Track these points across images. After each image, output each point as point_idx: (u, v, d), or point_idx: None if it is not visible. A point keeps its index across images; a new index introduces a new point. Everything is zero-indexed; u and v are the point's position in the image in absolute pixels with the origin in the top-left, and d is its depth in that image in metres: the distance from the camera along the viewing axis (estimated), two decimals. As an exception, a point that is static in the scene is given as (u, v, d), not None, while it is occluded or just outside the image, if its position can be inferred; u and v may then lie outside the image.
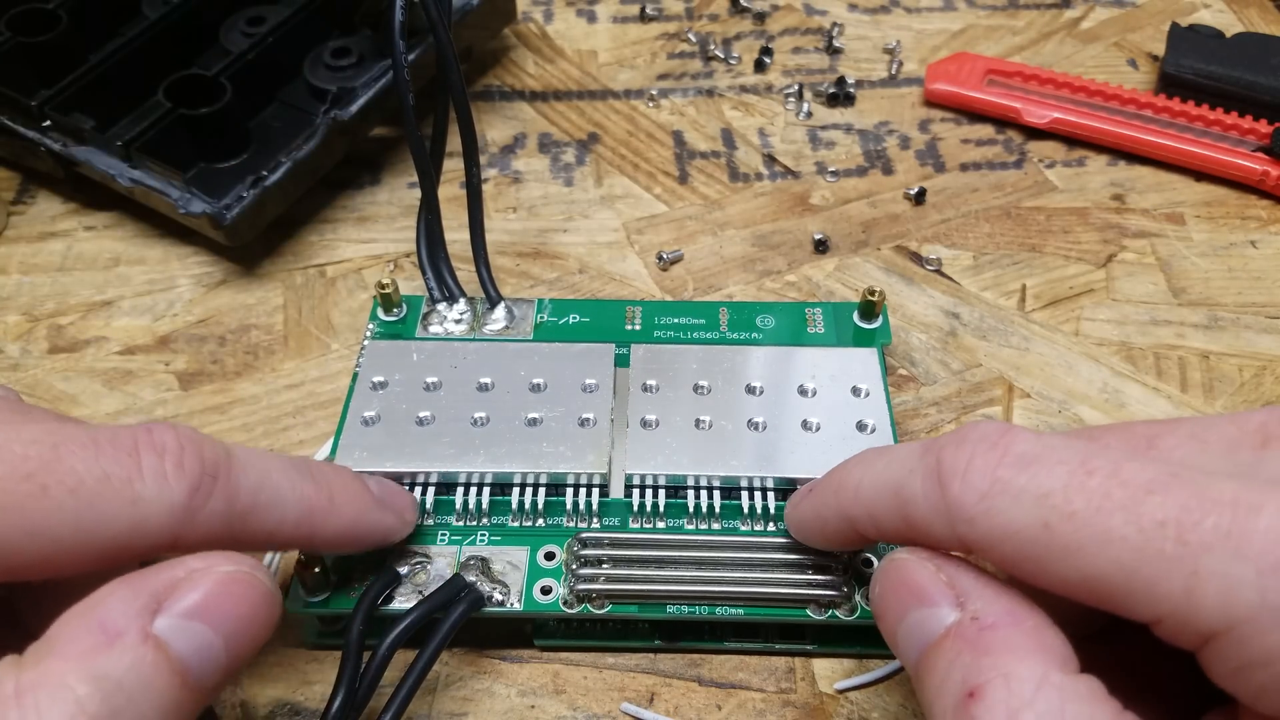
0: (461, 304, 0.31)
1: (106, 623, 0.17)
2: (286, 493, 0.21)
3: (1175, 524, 0.16)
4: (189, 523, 0.19)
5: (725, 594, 0.24)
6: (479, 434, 0.26)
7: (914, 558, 0.20)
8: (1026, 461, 0.18)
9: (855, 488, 0.21)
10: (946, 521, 0.19)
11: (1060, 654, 0.18)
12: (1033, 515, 0.18)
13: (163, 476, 0.19)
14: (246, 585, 0.19)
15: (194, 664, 0.18)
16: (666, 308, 0.31)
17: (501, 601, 0.24)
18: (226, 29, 0.38)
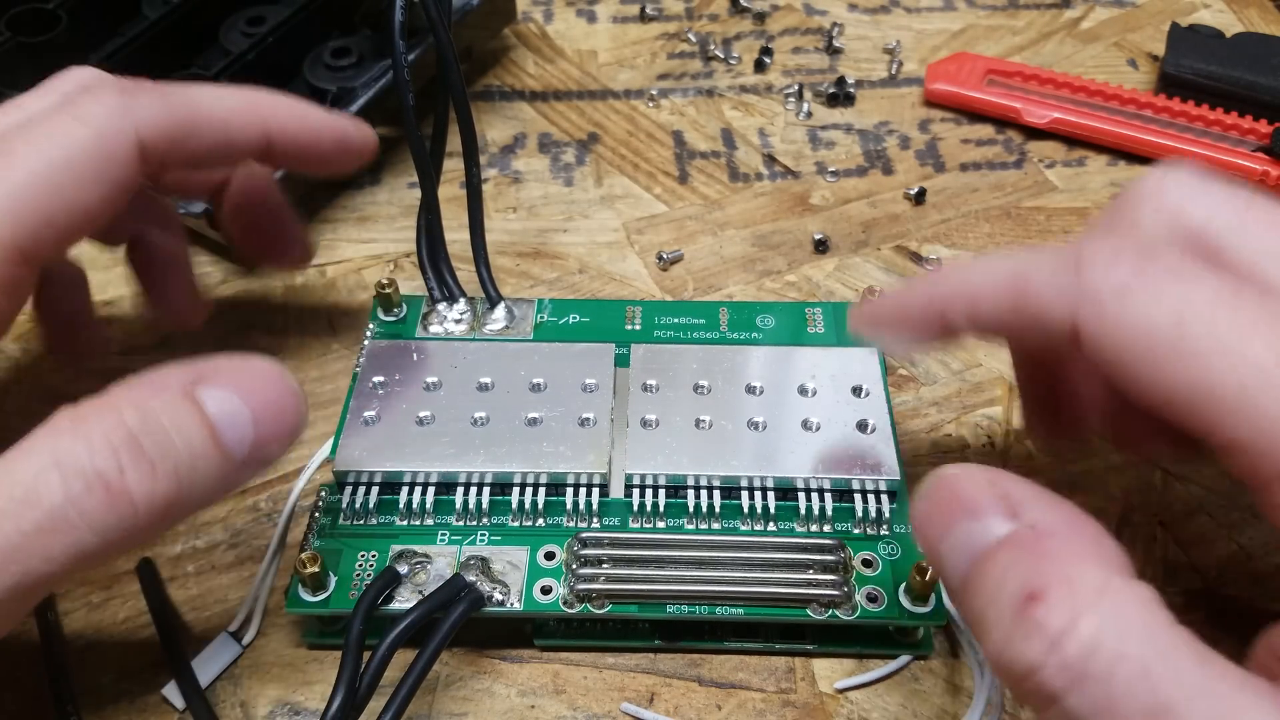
0: (461, 304, 0.31)
1: (155, 381, 0.20)
2: (225, 90, 0.25)
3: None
4: (134, 113, 0.22)
5: (725, 594, 0.24)
6: (479, 434, 0.26)
7: (963, 471, 0.19)
8: (1176, 271, 0.18)
9: (964, 272, 0.22)
10: (1069, 303, 0.19)
11: (1120, 561, 0.18)
12: (1171, 316, 0.18)
13: (93, 95, 0.23)
14: (277, 377, 0.21)
15: (225, 426, 0.20)
16: (666, 308, 0.31)
17: (501, 601, 0.24)
18: (226, 29, 0.38)
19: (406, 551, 0.25)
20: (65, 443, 0.18)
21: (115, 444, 0.19)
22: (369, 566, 0.25)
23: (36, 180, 0.21)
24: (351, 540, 0.26)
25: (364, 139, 0.28)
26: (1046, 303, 0.19)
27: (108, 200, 0.22)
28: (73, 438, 0.19)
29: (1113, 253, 0.19)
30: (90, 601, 0.27)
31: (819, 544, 0.25)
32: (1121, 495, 0.29)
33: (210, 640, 0.26)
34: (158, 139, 0.23)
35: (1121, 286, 0.18)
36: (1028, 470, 0.29)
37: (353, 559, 0.25)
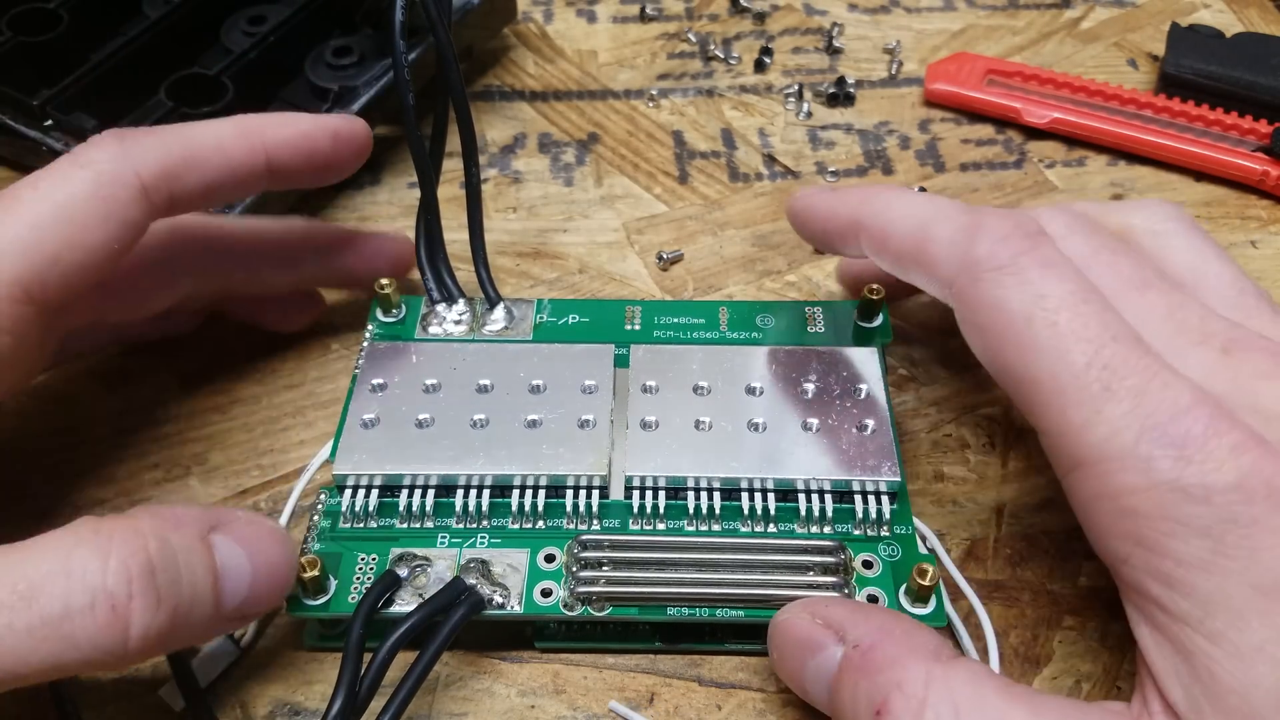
0: (461, 305, 0.31)
1: (178, 515, 0.21)
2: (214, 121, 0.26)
3: (1111, 371, 0.20)
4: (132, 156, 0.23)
5: (726, 596, 0.24)
6: (479, 436, 0.26)
7: (791, 616, 0.23)
8: (1048, 263, 0.21)
9: (885, 204, 0.25)
10: (955, 268, 0.22)
11: (933, 649, 0.21)
12: (1025, 305, 0.21)
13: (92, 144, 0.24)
14: (281, 541, 0.23)
15: (228, 577, 0.21)
16: (666, 308, 0.31)
17: (502, 604, 0.24)
18: (228, 28, 0.38)
19: (406, 554, 0.25)
20: (83, 553, 0.19)
21: (132, 569, 0.19)
22: (369, 569, 0.25)
23: (40, 221, 0.22)
24: (351, 543, 0.26)
25: (354, 131, 0.28)
26: (938, 258, 0.23)
27: (113, 240, 0.23)
28: (91, 550, 0.19)
29: (1005, 231, 0.22)
30: (91, 601, 0.27)
31: (819, 546, 0.25)
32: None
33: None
34: (158, 174, 0.24)
35: (998, 267, 0.22)
36: (1027, 470, 0.29)
37: (353, 562, 0.25)
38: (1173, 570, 0.19)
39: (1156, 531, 0.19)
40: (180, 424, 0.30)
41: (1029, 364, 0.21)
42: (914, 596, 0.24)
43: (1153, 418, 0.19)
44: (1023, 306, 0.21)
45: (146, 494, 0.29)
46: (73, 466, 0.29)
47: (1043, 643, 0.26)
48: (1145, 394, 0.20)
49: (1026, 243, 0.22)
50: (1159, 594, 0.19)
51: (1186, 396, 0.19)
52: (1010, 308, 0.21)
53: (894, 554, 0.25)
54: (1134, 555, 0.20)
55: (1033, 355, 0.21)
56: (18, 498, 0.29)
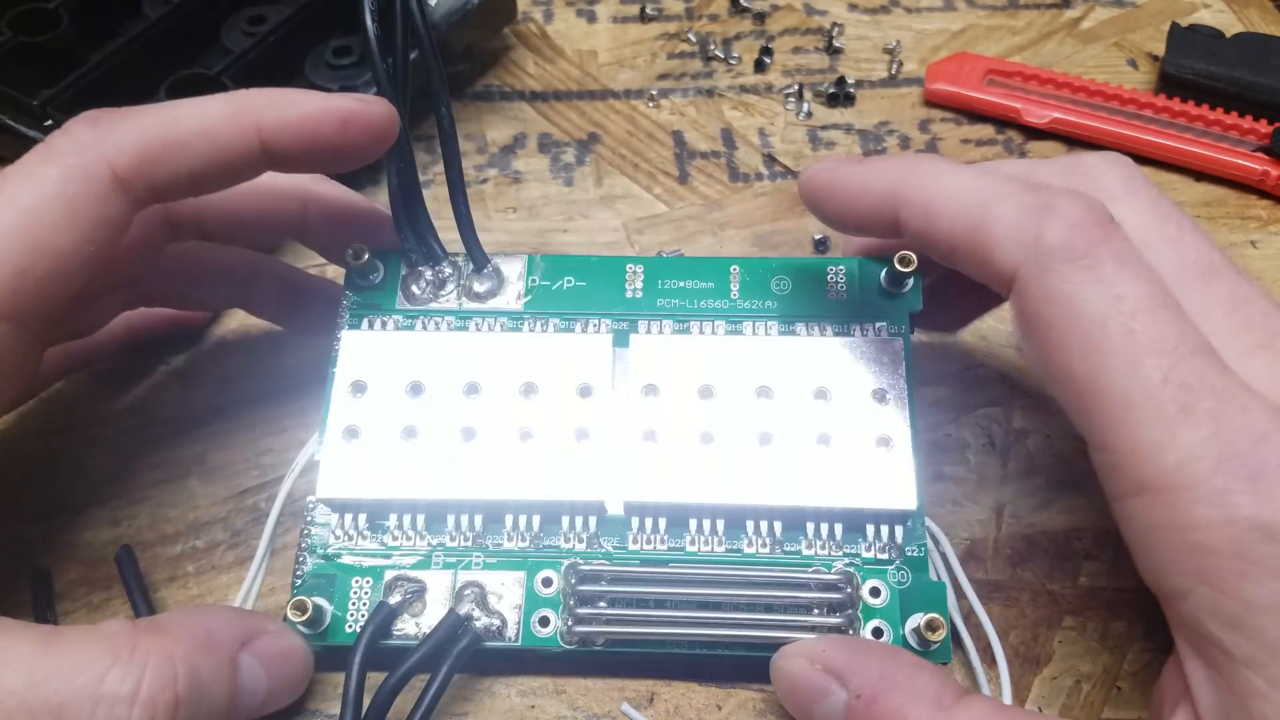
0: (445, 269, 0.28)
1: (214, 633, 0.21)
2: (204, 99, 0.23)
3: (1189, 390, 0.18)
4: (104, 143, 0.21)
5: (727, 638, 0.24)
6: (468, 452, 0.25)
7: (791, 662, 0.23)
8: (1126, 257, 0.19)
9: (931, 176, 0.22)
10: (1020, 258, 0.20)
11: (935, 692, 0.20)
12: (1101, 306, 0.19)
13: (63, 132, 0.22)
14: (304, 659, 0.24)
15: (244, 694, 0.22)
16: (671, 266, 0.28)
17: (499, 632, 0.24)
18: (228, 28, 0.38)
19: (400, 579, 0.25)
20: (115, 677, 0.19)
21: (158, 704, 0.19)
22: (364, 593, 0.25)
23: (3, 230, 0.20)
24: (343, 565, 0.25)
25: (370, 115, 0.24)
26: (999, 242, 0.20)
27: (86, 240, 0.21)
28: (123, 674, 0.19)
29: (1079, 217, 0.20)
30: (90, 602, 0.27)
31: (825, 581, 0.24)
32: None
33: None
34: (133, 163, 0.21)
35: (1070, 258, 0.19)
36: (1027, 470, 0.29)
37: (346, 586, 0.25)
38: (1241, 612, 0.18)
39: (1228, 570, 0.18)
40: (180, 424, 0.30)
41: (1098, 372, 0.19)
42: (919, 640, 0.24)
43: (1231, 446, 0.18)
44: (1098, 308, 0.19)
45: (146, 494, 0.29)
46: (73, 466, 0.29)
47: (1043, 643, 0.26)
48: (1223, 419, 0.18)
49: (1101, 232, 0.20)
50: (1220, 635, 0.18)
51: (1265, 421, 0.18)
52: (1084, 308, 0.19)
53: (904, 580, 0.24)
54: (1197, 593, 0.18)
55: (1103, 363, 0.19)
56: (18, 498, 0.29)
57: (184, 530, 0.28)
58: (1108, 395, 0.19)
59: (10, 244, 0.20)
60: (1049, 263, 0.20)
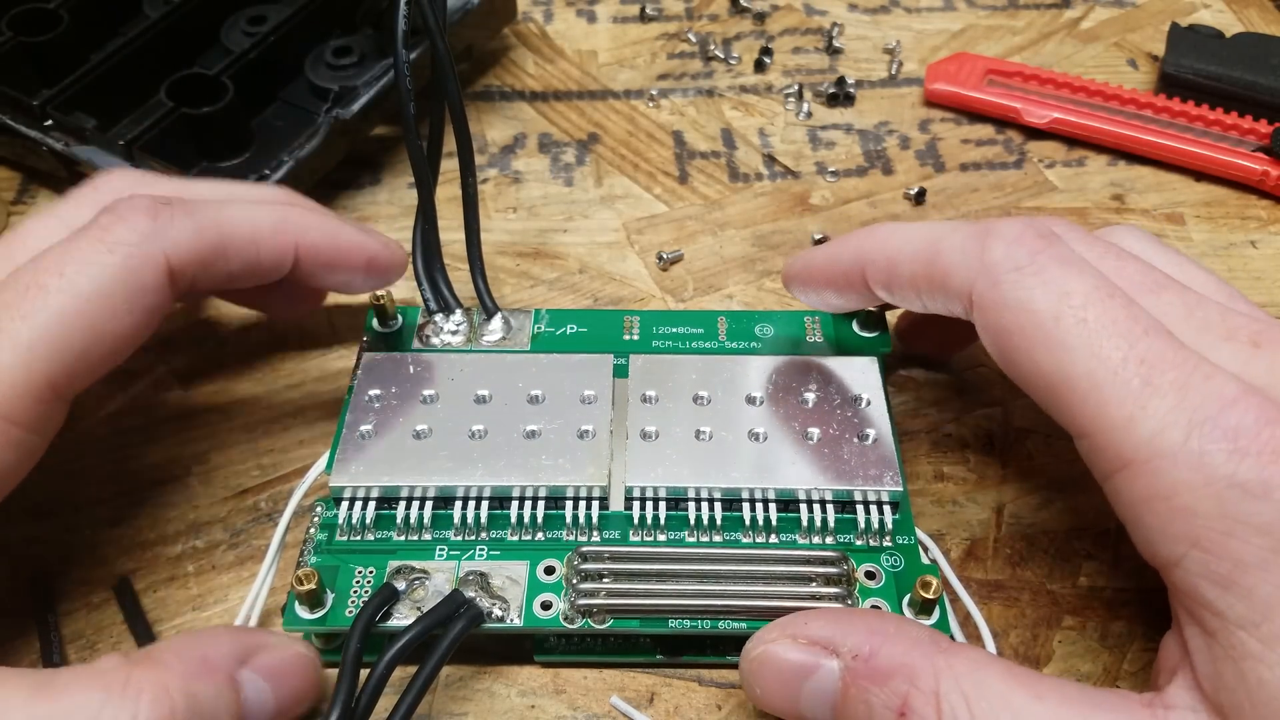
0: (458, 315, 0.30)
1: (209, 656, 0.21)
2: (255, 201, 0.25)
3: (1150, 365, 0.19)
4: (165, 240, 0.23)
5: (728, 608, 0.24)
6: (477, 447, 0.26)
7: (771, 645, 0.22)
8: (1066, 260, 0.21)
9: (884, 235, 0.24)
10: (971, 273, 0.22)
11: (931, 637, 0.21)
12: (1052, 304, 0.20)
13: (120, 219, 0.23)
14: (310, 668, 0.23)
15: (253, 713, 0.21)
16: (665, 317, 0.31)
17: (501, 617, 0.24)
18: (228, 28, 0.38)
19: (404, 567, 0.25)
20: (109, 711, 0.19)
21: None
22: (366, 582, 0.25)
23: (68, 316, 0.22)
24: (348, 556, 0.25)
25: (392, 261, 0.28)
26: (952, 269, 0.22)
27: (140, 326, 0.23)
28: (116, 711, 0.19)
29: (1017, 233, 0.22)
30: (90, 601, 0.27)
31: (821, 556, 0.25)
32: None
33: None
34: (187, 261, 0.23)
35: (1016, 268, 0.21)
36: (1027, 470, 0.29)
37: (350, 575, 0.25)
38: (1230, 571, 0.18)
39: (1214, 531, 0.18)
40: (180, 424, 0.30)
41: (1061, 363, 0.20)
42: (918, 608, 0.24)
43: (1201, 410, 0.19)
44: (1048, 304, 0.20)
45: (146, 494, 0.29)
46: (73, 466, 0.29)
47: (1042, 643, 0.26)
48: (1189, 387, 0.19)
49: (1041, 241, 0.21)
50: (1214, 598, 0.19)
51: (1232, 387, 0.19)
52: (1036, 307, 0.21)
53: (897, 564, 0.25)
54: (1188, 557, 0.19)
55: (1064, 353, 0.20)
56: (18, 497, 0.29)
57: (184, 530, 0.28)
58: (1074, 382, 0.20)
59: (74, 330, 0.22)
60: (997, 275, 0.21)
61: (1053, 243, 0.21)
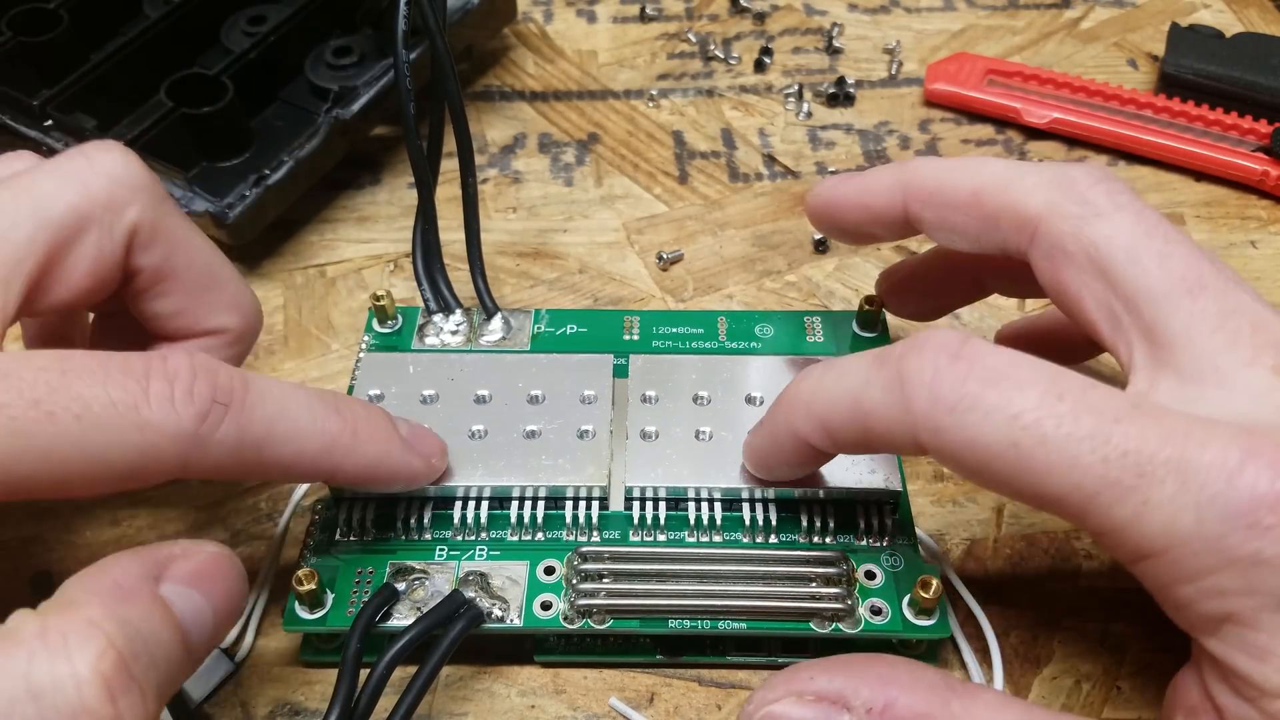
0: (458, 315, 0.30)
1: (121, 582, 0.18)
2: (305, 425, 0.22)
3: (1136, 454, 0.18)
4: (199, 448, 0.20)
5: (727, 608, 0.24)
6: (477, 447, 0.26)
7: (777, 708, 0.21)
8: (995, 377, 0.19)
9: (807, 404, 0.22)
10: (909, 431, 0.20)
11: (944, 680, 0.20)
12: (1003, 434, 0.19)
13: (170, 403, 0.19)
14: (229, 564, 0.21)
15: (192, 626, 0.19)
16: (664, 317, 0.31)
17: (501, 617, 0.24)
18: (228, 28, 0.38)
19: (404, 568, 0.25)
20: (42, 668, 0.16)
21: (106, 673, 0.17)
22: (366, 583, 0.25)
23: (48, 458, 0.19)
24: (348, 556, 0.25)
25: (431, 476, 0.25)
26: (889, 434, 0.20)
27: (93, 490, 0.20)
28: (50, 661, 0.16)
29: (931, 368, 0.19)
30: (91, 601, 0.27)
31: (821, 556, 0.25)
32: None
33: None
34: (204, 470, 0.20)
35: (949, 409, 0.19)
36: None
37: (350, 575, 0.25)
38: (1267, 644, 0.18)
39: (1246, 607, 0.18)
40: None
41: (1043, 486, 0.19)
42: (918, 609, 0.24)
43: (1207, 489, 0.17)
44: (1000, 435, 0.19)
45: (146, 494, 0.29)
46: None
47: (1042, 643, 0.26)
48: (1186, 465, 0.18)
49: (959, 364, 0.19)
50: (1250, 670, 0.18)
51: (1235, 453, 0.17)
52: (991, 442, 0.19)
53: (897, 564, 0.25)
54: (1223, 631, 0.18)
55: (1041, 478, 0.19)
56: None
57: (184, 530, 0.28)
58: (1064, 500, 0.19)
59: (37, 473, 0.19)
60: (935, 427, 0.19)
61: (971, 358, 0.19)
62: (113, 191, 0.22)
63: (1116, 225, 0.21)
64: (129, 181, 0.22)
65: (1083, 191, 0.22)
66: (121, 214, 0.22)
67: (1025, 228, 0.22)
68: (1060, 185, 0.22)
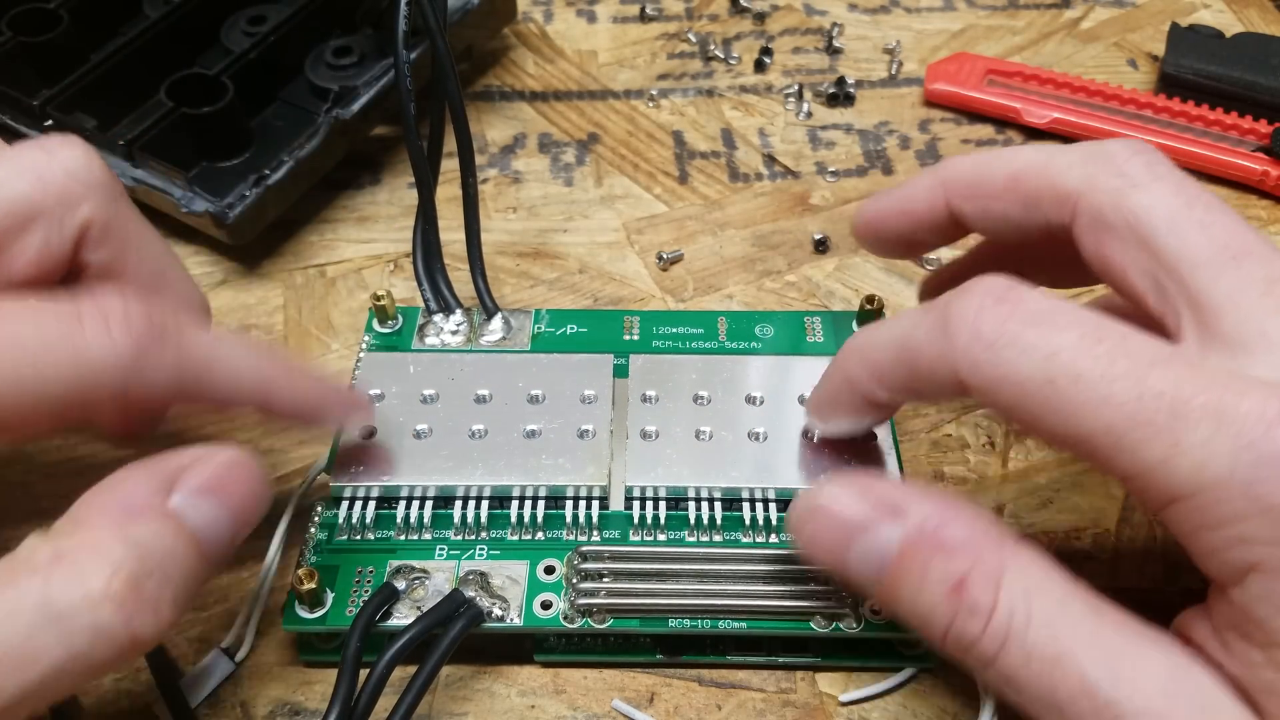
0: (458, 315, 0.30)
1: (129, 500, 0.19)
2: (241, 352, 0.23)
3: (1171, 397, 0.18)
4: (137, 374, 0.20)
5: (728, 607, 0.24)
6: (477, 447, 0.26)
7: (835, 495, 0.21)
8: (1037, 319, 0.19)
9: (861, 350, 0.23)
10: (950, 367, 0.20)
11: (1000, 532, 0.20)
12: (1039, 370, 0.19)
13: (106, 333, 0.20)
14: (246, 469, 0.21)
15: (207, 535, 0.20)
16: (665, 317, 0.31)
17: (501, 617, 0.24)
18: (228, 28, 0.38)
19: (404, 567, 0.25)
20: (57, 590, 0.17)
21: (117, 594, 0.17)
22: (366, 582, 0.25)
23: None
24: (348, 555, 0.25)
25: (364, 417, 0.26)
26: (932, 367, 0.21)
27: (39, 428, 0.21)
28: (64, 583, 0.17)
29: (974, 308, 0.20)
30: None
31: None
32: (1121, 495, 0.29)
33: (210, 641, 0.26)
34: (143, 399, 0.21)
35: (989, 346, 0.20)
36: (1027, 470, 0.29)
37: (350, 575, 0.25)
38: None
39: (1273, 557, 0.18)
40: (180, 424, 0.30)
41: (1074, 424, 0.19)
42: None
43: (1243, 435, 0.17)
44: (1036, 371, 0.19)
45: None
46: (73, 466, 0.29)
47: (1043, 643, 0.26)
48: (1223, 410, 0.18)
49: (1003, 306, 0.20)
50: (1269, 619, 0.18)
51: (1275, 403, 0.18)
52: (1028, 376, 0.19)
53: None
54: (1248, 580, 0.18)
55: (1073, 414, 0.19)
56: (18, 498, 0.29)
57: (184, 530, 0.28)
58: (1095, 439, 0.19)
59: None
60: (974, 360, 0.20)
61: (1015, 300, 0.20)
62: (68, 187, 0.22)
63: (1155, 195, 0.21)
64: (86, 178, 0.23)
65: (1120, 164, 0.22)
66: (74, 210, 0.22)
67: (1066, 203, 0.22)
68: (1097, 159, 0.22)
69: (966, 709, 0.25)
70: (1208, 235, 0.21)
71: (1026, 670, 0.19)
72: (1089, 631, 0.19)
